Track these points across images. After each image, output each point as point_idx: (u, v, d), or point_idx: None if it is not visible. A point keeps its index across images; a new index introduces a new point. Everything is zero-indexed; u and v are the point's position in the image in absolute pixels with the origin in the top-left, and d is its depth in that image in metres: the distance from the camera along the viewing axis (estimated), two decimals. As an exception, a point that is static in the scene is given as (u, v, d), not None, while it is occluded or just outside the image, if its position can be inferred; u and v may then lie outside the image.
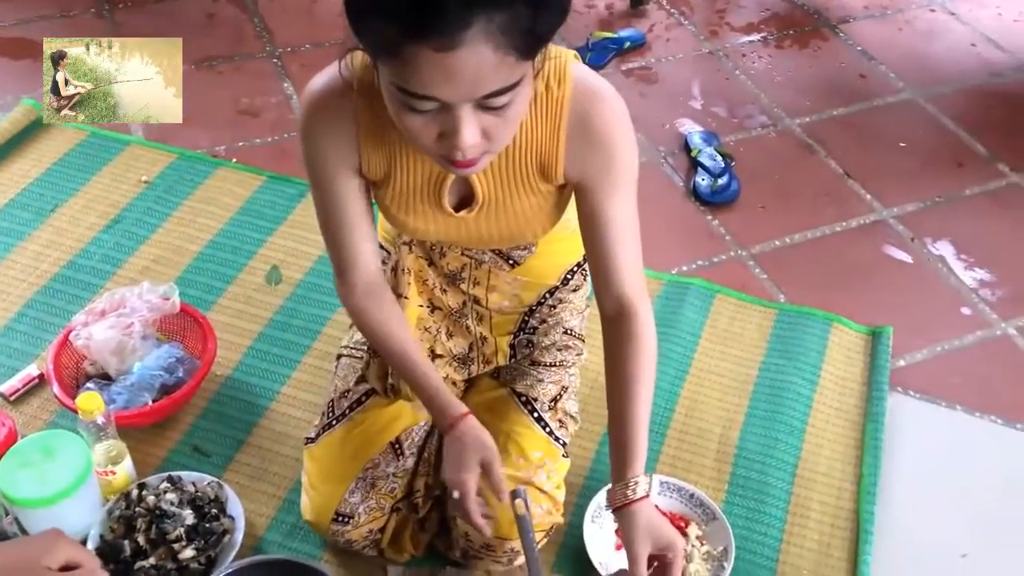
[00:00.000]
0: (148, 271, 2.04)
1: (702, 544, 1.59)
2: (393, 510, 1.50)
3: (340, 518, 1.47)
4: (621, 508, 1.29)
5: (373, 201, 1.35)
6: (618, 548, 1.60)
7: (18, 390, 1.78)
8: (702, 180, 2.37)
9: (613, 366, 1.32)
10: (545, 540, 1.53)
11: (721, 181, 2.35)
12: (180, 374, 1.75)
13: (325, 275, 2.05)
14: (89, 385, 1.72)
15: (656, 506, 1.57)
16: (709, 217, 2.33)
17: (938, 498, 1.73)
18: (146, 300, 1.79)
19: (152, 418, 1.71)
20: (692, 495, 1.65)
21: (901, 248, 2.27)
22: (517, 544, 1.46)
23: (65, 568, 1.18)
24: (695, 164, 2.42)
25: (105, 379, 1.75)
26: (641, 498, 1.28)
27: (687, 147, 2.49)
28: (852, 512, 1.69)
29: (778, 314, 2.05)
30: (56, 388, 1.66)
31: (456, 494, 1.33)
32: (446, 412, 1.35)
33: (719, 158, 2.41)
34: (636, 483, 1.28)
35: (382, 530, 1.50)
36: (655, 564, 1.30)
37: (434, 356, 1.51)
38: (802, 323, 2.02)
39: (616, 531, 1.62)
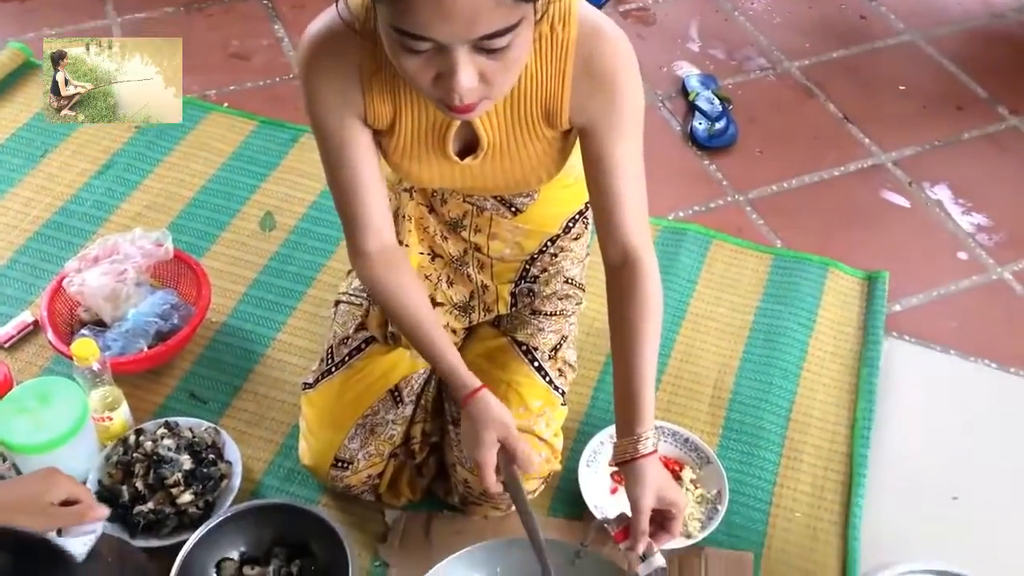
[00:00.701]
0: (141, 217, 2.03)
1: (696, 487, 1.60)
2: (391, 456, 1.51)
3: (339, 464, 1.47)
4: (627, 463, 1.29)
5: None
6: (612, 492, 1.62)
7: (12, 337, 1.78)
8: (699, 124, 2.34)
9: (618, 319, 1.30)
10: (543, 487, 1.54)
11: (718, 125, 2.33)
12: (175, 321, 1.74)
13: (319, 221, 2.04)
14: (84, 332, 1.72)
15: (651, 450, 1.60)
16: (706, 162, 2.31)
17: (931, 442, 1.75)
18: (139, 246, 1.78)
19: (148, 364, 1.71)
20: (687, 439, 1.66)
21: (899, 192, 2.26)
22: None
23: (65, 503, 1.20)
24: (692, 108, 2.39)
25: (99, 326, 1.75)
26: (649, 454, 1.28)
27: (684, 90, 2.46)
28: (846, 455, 1.70)
29: (774, 259, 2.04)
30: (51, 335, 1.65)
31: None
32: (461, 387, 1.33)
33: (716, 101, 2.38)
34: (645, 438, 1.28)
35: (380, 475, 1.51)
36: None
37: (434, 304, 1.50)
38: (798, 268, 2.02)
39: (612, 475, 1.63)
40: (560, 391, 1.52)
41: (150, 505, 1.47)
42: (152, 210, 2.05)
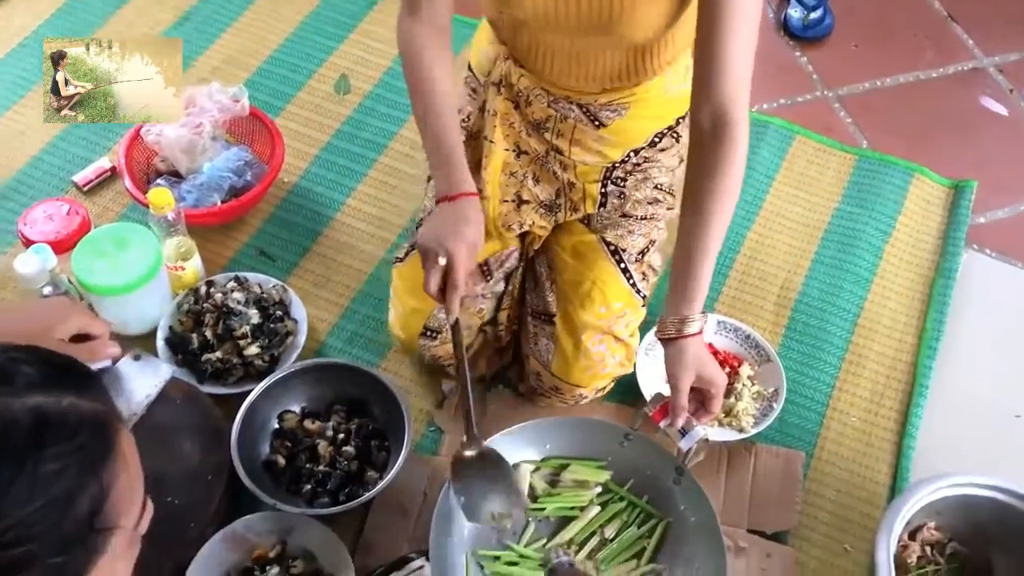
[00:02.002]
0: (218, 71, 2.02)
1: (753, 384, 1.60)
2: (480, 331, 1.52)
3: (428, 333, 1.49)
4: (671, 340, 1.29)
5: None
6: (667, 381, 1.61)
7: (91, 181, 1.81)
8: (794, 12, 2.23)
9: (694, 189, 1.25)
10: (612, 385, 1.55)
11: (815, 14, 2.21)
12: (248, 178, 1.76)
13: (392, 88, 2.01)
14: (159, 181, 1.74)
15: (710, 344, 1.59)
16: (797, 53, 2.21)
17: (1000, 358, 1.71)
18: (216, 100, 1.78)
19: (220, 219, 1.73)
20: (748, 336, 1.64)
21: (997, 99, 2.15)
22: (585, 390, 1.49)
23: (77, 338, 1.16)
24: (789, -6, 2.28)
25: (175, 177, 1.77)
26: (694, 334, 1.27)
27: (781, -25, 2.34)
28: (910, 365, 1.68)
29: (858, 160, 1.97)
30: (128, 182, 1.68)
31: (442, 260, 1.24)
32: (456, 182, 1.27)
33: (815, -11, 2.26)
34: (692, 320, 1.27)
35: (467, 348, 1.52)
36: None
37: (520, 202, 1.47)
38: (883, 172, 1.95)
39: (669, 364, 1.63)
40: (642, 295, 1.51)
41: (218, 354, 1.52)
42: (229, 65, 2.04)
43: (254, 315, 1.56)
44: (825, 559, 1.45)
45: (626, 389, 1.58)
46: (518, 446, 1.40)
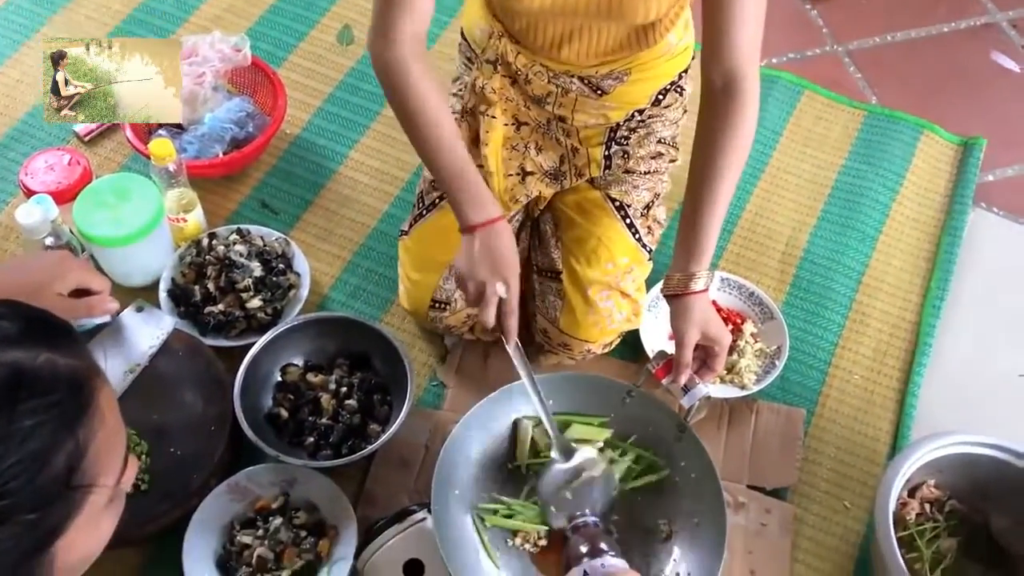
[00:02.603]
0: (220, 20, 1.99)
1: (756, 341, 1.60)
2: None
3: (437, 304, 1.49)
4: (677, 297, 1.29)
5: None
6: (671, 338, 1.61)
7: (92, 131, 1.80)
8: (805, -36, 2.19)
9: (704, 147, 1.25)
10: (619, 340, 1.54)
11: (825, -33, 2.18)
12: (250, 129, 1.74)
13: (398, 38, 1.98)
14: (161, 132, 1.72)
15: (714, 301, 1.59)
16: (807, 6, 2.17)
17: (1005, 317, 1.70)
18: (217, 50, 1.76)
19: (222, 170, 1.72)
20: (752, 293, 1.64)
21: (1009, 55, 2.11)
22: (592, 345, 1.49)
23: (76, 293, 1.16)
24: (799, -54, 2.24)
25: (176, 128, 1.75)
26: (699, 291, 1.28)
27: (793, -74, 2.30)
28: (913, 324, 1.67)
29: (867, 116, 1.95)
30: (129, 132, 1.66)
31: (502, 290, 1.25)
32: (485, 209, 1.25)
33: (827, -59, 2.22)
34: (698, 277, 1.27)
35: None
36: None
37: (524, 174, 1.46)
38: (891, 128, 1.92)
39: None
40: (648, 249, 1.50)
41: (220, 307, 1.52)
42: (231, 14, 2.01)
43: (256, 268, 1.55)
44: (824, 515, 1.46)
45: (631, 344, 1.58)
46: (520, 402, 1.41)
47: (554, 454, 1.33)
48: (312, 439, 1.42)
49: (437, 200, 1.49)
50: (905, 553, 1.29)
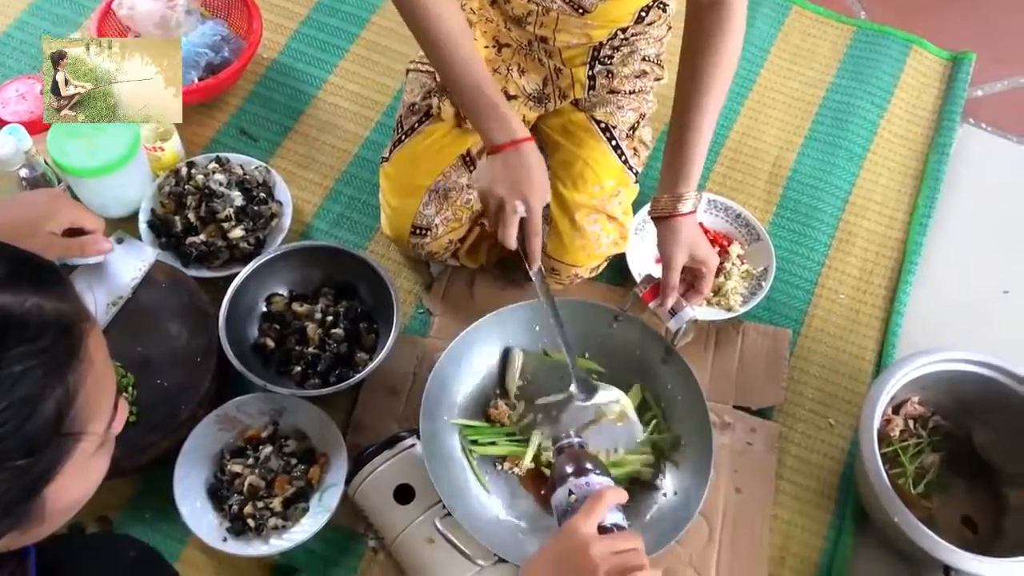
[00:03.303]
0: (189, -60, 1.93)
1: (742, 263, 1.59)
2: (478, 224, 1.50)
3: (417, 231, 1.47)
4: (664, 219, 1.28)
5: None
6: (657, 261, 1.61)
7: (63, 59, 1.75)
8: None
9: (689, 65, 1.23)
10: (606, 264, 1.54)
11: None
12: (225, 53, 1.70)
13: (375, -43, 1.93)
14: (134, 59, 1.68)
15: (700, 224, 1.58)
16: (795, -82, 2.11)
17: (991, 234, 1.70)
18: (188, -29, 1.70)
19: (198, 97, 1.68)
20: (739, 215, 1.63)
21: (1001, -33, 2.07)
22: (580, 269, 1.48)
23: (69, 232, 1.15)
24: None
25: (150, 54, 1.71)
26: (687, 213, 1.27)
27: None
28: (900, 242, 1.67)
29: (856, 32, 1.91)
30: (100, 60, 1.62)
31: (521, 209, 1.22)
32: (510, 130, 1.22)
33: None
34: (686, 199, 1.26)
35: (462, 240, 1.50)
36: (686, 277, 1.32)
37: (508, 98, 1.41)
38: (880, 44, 1.89)
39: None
40: (634, 171, 1.48)
41: (202, 237, 1.50)
42: (201, -67, 1.95)
43: (237, 197, 1.53)
44: (809, 433, 1.48)
45: (617, 267, 1.57)
46: (508, 328, 1.40)
47: (573, 388, 1.33)
48: (299, 368, 1.42)
49: (416, 124, 1.47)
50: (889, 469, 1.31)
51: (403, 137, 1.48)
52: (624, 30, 1.39)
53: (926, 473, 1.39)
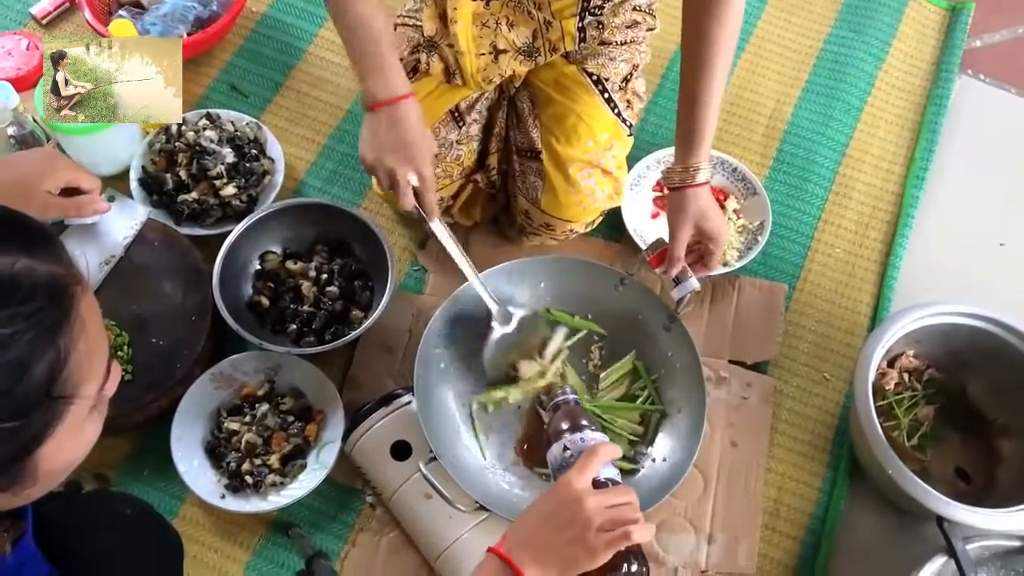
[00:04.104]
0: None
1: (739, 218, 1.59)
2: (470, 181, 1.48)
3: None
4: (676, 190, 1.27)
5: None
6: (653, 217, 1.60)
7: (49, 13, 1.72)
8: None
9: (694, 31, 1.21)
10: (601, 219, 1.53)
11: None
12: (214, 7, 1.67)
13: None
14: (121, 13, 1.65)
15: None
16: None
17: (988, 187, 1.69)
18: (174, -77, 1.67)
19: (187, 52, 1.63)
20: (735, 169, 1.62)
21: (1003, -86, 2.04)
22: (575, 224, 1.47)
23: (65, 192, 1.14)
24: None
25: (137, 7, 1.68)
26: (700, 184, 1.26)
27: None
28: (896, 196, 1.66)
29: (854, -19, 1.89)
30: (88, 13, 1.59)
31: (414, 179, 1.25)
32: (393, 87, 1.20)
33: None
34: (698, 169, 1.25)
35: (455, 197, 1.49)
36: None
37: (497, 52, 1.39)
38: (879, -7, 1.87)
39: (654, 200, 1.61)
40: (628, 124, 1.46)
41: (194, 195, 1.49)
42: None
43: (228, 154, 1.51)
44: (804, 387, 1.48)
45: (612, 223, 1.56)
46: (513, 282, 1.40)
47: (494, 323, 1.34)
48: (295, 326, 1.42)
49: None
50: (883, 422, 1.32)
51: None
52: None
53: (920, 426, 1.40)
